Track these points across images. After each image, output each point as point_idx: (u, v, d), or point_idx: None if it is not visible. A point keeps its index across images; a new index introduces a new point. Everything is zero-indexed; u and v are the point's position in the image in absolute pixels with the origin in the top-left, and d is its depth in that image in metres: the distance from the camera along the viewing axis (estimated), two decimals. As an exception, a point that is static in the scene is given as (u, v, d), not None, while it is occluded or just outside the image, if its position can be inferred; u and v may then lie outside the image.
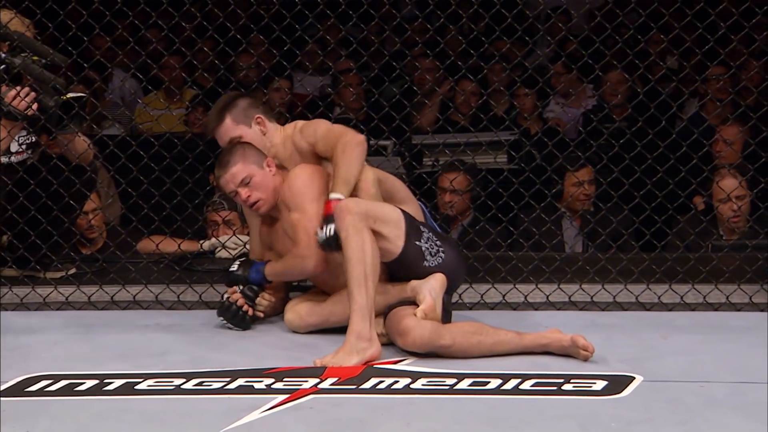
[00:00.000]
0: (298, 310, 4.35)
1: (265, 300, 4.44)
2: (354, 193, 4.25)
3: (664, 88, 6.24)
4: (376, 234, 4.08)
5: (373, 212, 4.10)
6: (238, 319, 4.38)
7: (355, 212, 4.05)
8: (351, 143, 4.27)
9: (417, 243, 4.16)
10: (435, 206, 5.87)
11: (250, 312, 4.39)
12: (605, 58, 5.08)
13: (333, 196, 4.20)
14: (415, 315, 4.03)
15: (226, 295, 4.42)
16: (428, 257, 4.18)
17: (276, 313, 4.49)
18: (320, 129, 4.38)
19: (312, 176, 4.32)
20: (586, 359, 3.97)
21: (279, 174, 4.36)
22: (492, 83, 6.08)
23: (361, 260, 4.01)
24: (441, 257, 4.19)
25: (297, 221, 4.28)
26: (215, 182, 5.90)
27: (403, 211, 4.21)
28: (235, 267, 4.44)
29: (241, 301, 4.38)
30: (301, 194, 4.29)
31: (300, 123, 4.49)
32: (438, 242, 4.21)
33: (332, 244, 4.13)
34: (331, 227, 4.12)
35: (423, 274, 4.15)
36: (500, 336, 4.05)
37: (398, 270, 4.18)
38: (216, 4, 4.89)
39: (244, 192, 4.31)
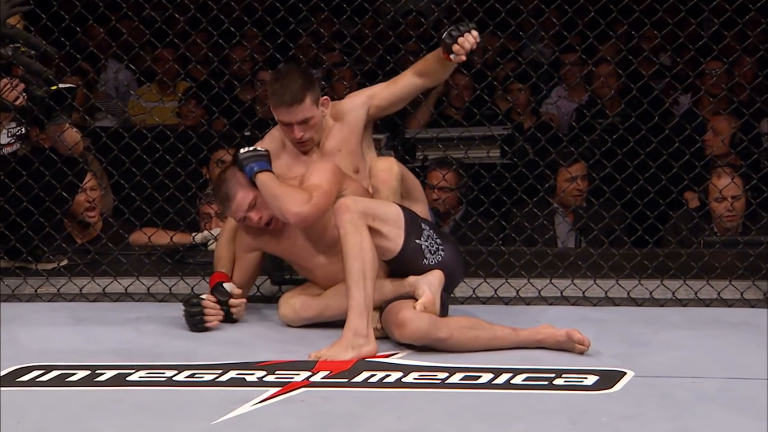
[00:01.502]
0: (293, 304, 4.34)
1: (234, 307, 4.37)
2: (375, 183, 4.26)
3: (658, 83, 6.25)
4: (376, 232, 4.07)
5: (372, 210, 4.09)
6: (194, 323, 4.34)
7: (354, 210, 4.04)
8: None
9: (417, 241, 4.16)
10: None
11: (212, 324, 4.34)
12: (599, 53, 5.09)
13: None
14: (413, 308, 4.03)
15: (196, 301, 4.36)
16: (428, 255, 4.18)
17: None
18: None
19: (332, 171, 4.29)
20: (581, 353, 3.98)
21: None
22: (486, 77, 6.07)
23: (359, 257, 4.01)
24: (441, 255, 4.20)
25: (315, 184, 4.21)
26: (208, 175, 5.91)
27: (403, 209, 4.20)
28: (246, 152, 4.28)
29: (207, 311, 4.33)
30: (321, 176, 4.25)
31: (336, 103, 4.47)
32: (438, 240, 4.21)
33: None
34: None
35: (422, 272, 4.15)
36: (496, 331, 4.06)
37: (398, 268, 4.17)
38: (210, -3, 4.89)
39: (254, 215, 4.27)
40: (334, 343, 3.99)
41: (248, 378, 3.78)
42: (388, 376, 3.80)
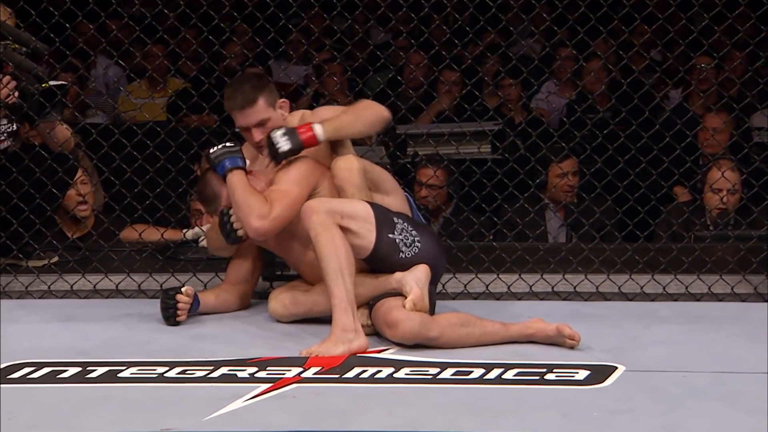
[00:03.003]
0: (282, 300, 4.34)
1: (181, 302, 4.35)
2: (339, 183, 4.24)
3: (648, 79, 6.25)
4: (346, 230, 4.04)
5: (339, 209, 4.07)
6: (166, 316, 4.34)
7: (320, 211, 4.03)
8: (372, 106, 4.25)
9: (390, 235, 4.14)
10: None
11: (181, 318, 4.34)
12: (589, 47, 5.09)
13: (315, 126, 4.21)
14: (403, 307, 4.02)
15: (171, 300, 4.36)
16: (404, 249, 4.16)
17: (231, 308, 4.48)
18: (328, 112, 4.34)
19: (304, 171, 4.29)
20: (572, 348, 3.98)
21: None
22: (476, 73, 6.07)
23: (333, 255, 4.00)
24: (417, 247, 4.18)
25: (282, 190, 4.22)
26: (199, 171, 5.90)
27: (372, 204, 4.18)
28: (216, 150, 4.27)
29: (181, 313, 4.33)
30: (291, 178, 4.25)
31: (307, 112, 4.43)
32: (413, 232, 4.19)
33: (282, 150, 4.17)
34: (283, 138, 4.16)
35: (399, 266, 4.14)
36: (487, 327, 4.06)
37: (375, 264, 4.15)
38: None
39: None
40: (323, 340, 3.99)
41: (240, 374, 3.78)
42: (380, 371, 3.80)
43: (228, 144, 4.28)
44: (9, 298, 4.74)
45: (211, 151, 4.27)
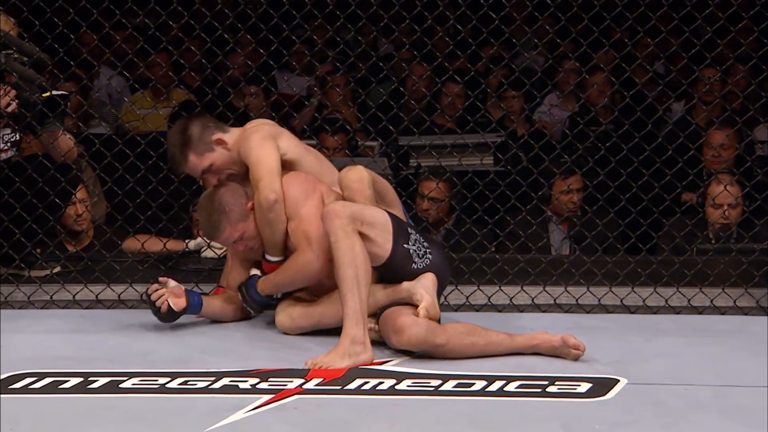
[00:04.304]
0: (290, 313, 4.33)
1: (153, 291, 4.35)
2: (349, 194, 4.24)
3: (651, 91, 6.25)
4: (364, 237, 4.05)
5: (360, 215, 4.08)
6: (161, 315, 4.36)
7: (343, 216, 4.03)
8: (262, 207, 4.26)
9: (405, 246, 4.16)
10: (414, 213, 5.86)
11: (164, 307, 4.33)
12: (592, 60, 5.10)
13: (270, 258, 4.33)
14: (414, 314, 4.01)
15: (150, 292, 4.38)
16: (416, 259, 4.17)
17: (233, 316, 4.48)
18: (251, 157, 4.33)
19: (295, 182, 4.31)
20: (576, 359, 3.98)
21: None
22: (479, 85, 6.08)
23: (352, 263, 4.00)
24: (429, 259, 4.19)
25: (295, 228, 4.27)
26: (201, 182, 5.90)
27: (390, 213, 4.20)
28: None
29: (160, 300, 4.34)
30: (293, 202, 4.29)
31: (247, 130, 4.42)
32: (425, 243, 4.21)
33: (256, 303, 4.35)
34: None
35: (411, 276, 4.15)
36: (492, 337, 4.05)
37: (387, 273, 4.16)
38: (203, 4, 4.89)
39: (240, 245, 4.36)
40: (330, 350, 3.98)
41: (241, 385, 3.78)
42: (382, 383, 3.80)
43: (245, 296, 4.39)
44: (11, 308, 4.74)
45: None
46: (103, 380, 3.82)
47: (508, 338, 4.06)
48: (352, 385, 3.79)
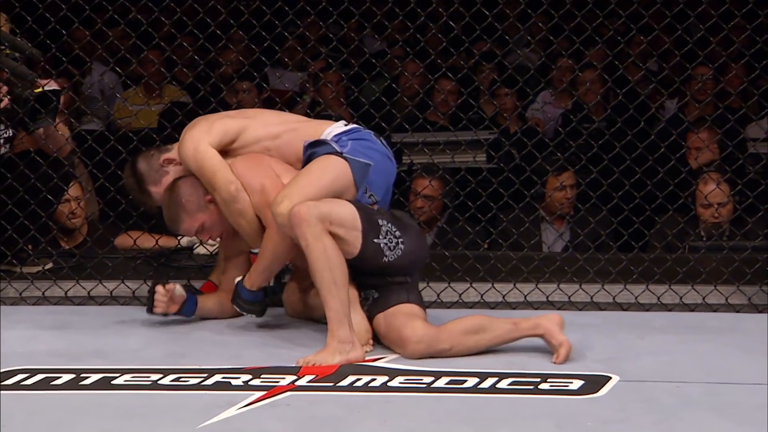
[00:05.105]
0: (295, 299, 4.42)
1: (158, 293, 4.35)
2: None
3: (644, 89, 6.26)
4: (334, 236, 4.01)
5: (328, 215, 4.02)
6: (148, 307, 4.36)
7: (311, 219, 3.98)
8: (227, 202, 4.26)
9: (375, 240, 4.11)
10: (408, 210, 5.85)
11: (157, 309, 4.34)
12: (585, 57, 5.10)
13: (254, 250, 4.29)
14: (413, 327, 4.02)
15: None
16: (387, 252, 4.13)
17: (228, 315, 4.47)
18: (192, 166, 4.32)
19: (239, 165, 4.30)
20: (554, 363, 3.97)
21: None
22: (472, 82, 6.07)
23: (327, 266, 3.98)
24: (401, 249, 4.15)
25: (258, 202, 4.24)
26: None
27: (358, 207, 4.13)
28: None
29: (159, 302, 4.34)
30: (244, 181, 4.27)
31: (182, 140, 4.39)
32: (397, 233, 4.15)
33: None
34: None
35: (383, 268, 4.12)
36: (496, 330, 4.04)
37: (357, 266, 4.13)
38: (196, 0, 4.88)
39: (205, 236, 4.39)
40: (319, 350, 3.98)
41: (234, 382, 3.78)
42: (374, 380, 3.80)
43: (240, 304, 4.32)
44: (3, 304, 4.72)
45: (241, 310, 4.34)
46: (95, 377, 3.82)
47: (514, 327, 4.04)
48: (345, 382, 3.79)
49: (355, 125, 4.38)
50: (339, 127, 4.34)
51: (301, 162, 4.29)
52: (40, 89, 4.58)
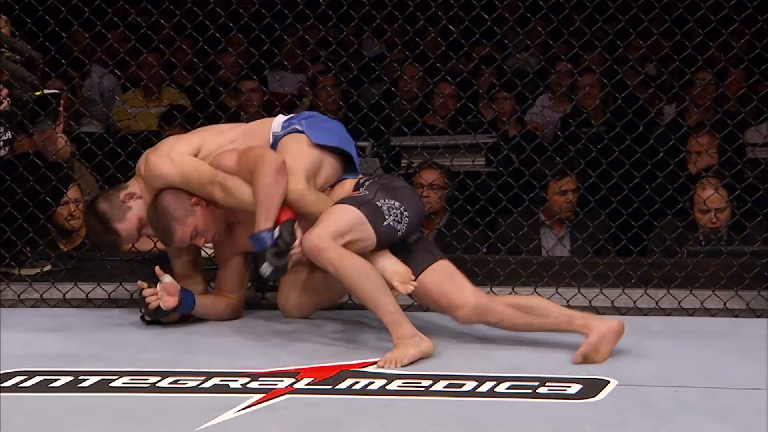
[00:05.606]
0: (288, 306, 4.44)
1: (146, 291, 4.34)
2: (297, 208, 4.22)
3: (643, 93, 6.26)
4: (352, 243, 4.07)
5: (337, 229, 4.07)
6: (149, 312, 4.35)
7: (326, 244, 4.02)
8: (259, 176, 4.19)
9: (384, 224, 4.16)
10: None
11: (153, 305, 4.32)
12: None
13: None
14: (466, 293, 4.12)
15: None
16: (398, 227, 4.18)
17: (225, 316, 4.48)
18: (179, 184, 4.32)
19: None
20: (575, 363, 3.98)
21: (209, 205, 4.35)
22: (471, 86, 6.07)
23: (363, 278, 4.02)
24: (407, 217, 4.20)
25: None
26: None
27: (353, 201, 4.16)
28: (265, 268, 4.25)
29: (151, 298, 4.34)
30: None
31: (148, 167, 4.38)
32: (396, 203, 4.20)
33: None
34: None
35: (399, 243, 4.20)
36: (550, 318, 4.08)
37: (380, 248, 4.18)
38: (195, 3, 4.88)
39: (200, 240, 4.36)
40: (391, 350, 4.00)
41: (232, 384, 3.78)
42: (372, 383, 3.80)
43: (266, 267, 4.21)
44: (1, 306, 4.72)
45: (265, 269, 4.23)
46: (93, 379, 3.82)
47: (567, 322, 4.07)
48: (343, 385, 3.79)
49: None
50: (284, 116, 4.44)
51: None
52: (40, 92, 4.59)
